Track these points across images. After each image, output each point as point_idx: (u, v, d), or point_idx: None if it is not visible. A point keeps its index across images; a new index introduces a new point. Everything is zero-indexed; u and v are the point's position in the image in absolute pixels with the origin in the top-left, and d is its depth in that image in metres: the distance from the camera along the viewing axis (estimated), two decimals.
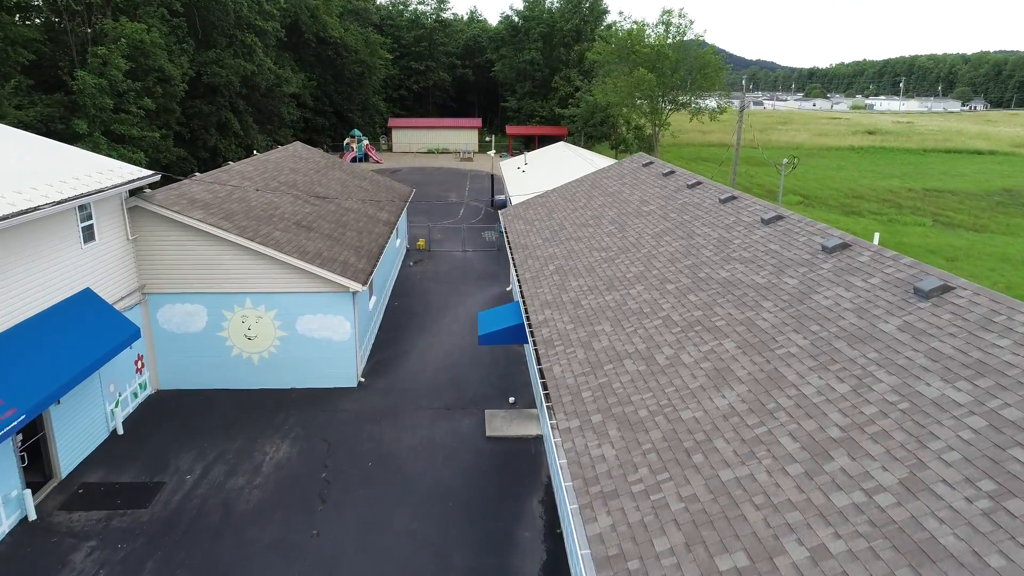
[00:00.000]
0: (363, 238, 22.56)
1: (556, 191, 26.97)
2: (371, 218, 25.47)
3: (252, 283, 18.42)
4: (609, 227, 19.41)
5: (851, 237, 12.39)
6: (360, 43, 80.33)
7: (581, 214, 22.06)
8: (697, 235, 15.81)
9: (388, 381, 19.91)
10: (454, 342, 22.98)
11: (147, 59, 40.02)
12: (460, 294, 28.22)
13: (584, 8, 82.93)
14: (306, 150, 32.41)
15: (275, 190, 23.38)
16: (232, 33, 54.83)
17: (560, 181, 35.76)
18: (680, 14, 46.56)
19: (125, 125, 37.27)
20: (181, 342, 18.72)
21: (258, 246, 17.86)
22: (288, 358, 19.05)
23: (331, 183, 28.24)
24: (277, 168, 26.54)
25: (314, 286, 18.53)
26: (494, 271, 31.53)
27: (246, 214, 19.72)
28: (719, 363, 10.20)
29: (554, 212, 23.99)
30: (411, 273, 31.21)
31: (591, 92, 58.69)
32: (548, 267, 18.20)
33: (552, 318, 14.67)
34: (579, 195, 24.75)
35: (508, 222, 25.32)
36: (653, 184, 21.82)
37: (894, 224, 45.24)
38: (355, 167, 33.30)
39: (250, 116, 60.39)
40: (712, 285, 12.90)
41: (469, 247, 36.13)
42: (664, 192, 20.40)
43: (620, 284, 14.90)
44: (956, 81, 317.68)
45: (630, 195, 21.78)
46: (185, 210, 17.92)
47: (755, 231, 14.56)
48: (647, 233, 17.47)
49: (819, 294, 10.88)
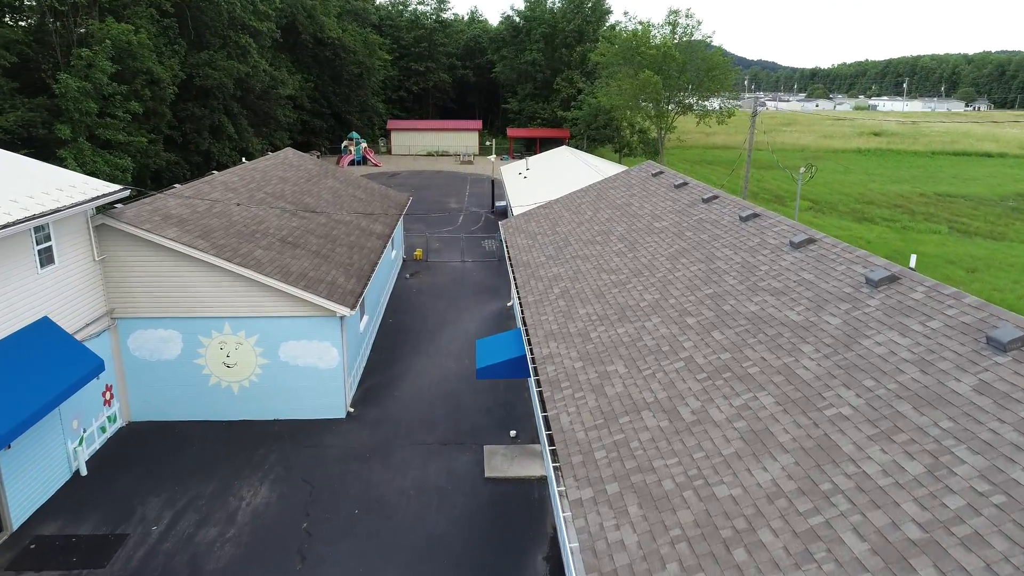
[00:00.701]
0: (354, 254, 21.08)
1: (560, 201, 25.49)
2: (364, 231, 24.00)
3: (231, 307, 16.96)
4: (618, 245, 17.93)
5: (898, 267, 10.92)
6: (358, 44, 78.91)
7: (587, 228, 20.58)
8: (718, 258, 14.32)
9: (379, 411, 18.43)
10: (451, 365, 21.51)
11: (135, 61, 38.58)
12: (458, 310, 26.75)
13: (586, 8, 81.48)
14: (297, 157, 30.96)
15: (260, 202, 21.92)
16: (226, 34, 53.41)
17: (563, 188, 34.29)
18: (687, 14, 45.20)
19: (111, 130, 35.83)
20: (154, 371, 17.25)
21: (236, 267, 16.39)
22: (270, 387, 17.59)
23: (322, 193, 26.78)
24: (265, 178, 25.08)
25: (298, 310, 17.06)
26: (494, 284, 30.06)
27: (226, 230, 18.25)
28: (756, 423, 8.72)
29: (558, 225, 22.52)
30: (407, 286, 29.73)
31: (594, 94, 57.21)
32: (553, 290, 16.73)
33: (558, 353, 13.19)
34: (585, 206, 23.28)
35: (509, 235, 23.85)
36: (665, 197, 20.34)
37: (908, 232, 43.72)
38: (349, 175, 31.87)
39: (245, 119, 58.97)
40: (739, 321, 11.42)
41: (468, 257, 34.66)
42: (677, 206, 18.91)
43: (633, 314, 13.42)
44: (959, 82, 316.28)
45: (640, 208, 20.30)
46: (157, 228, 16.45)
47: (784, 256, 13.08)
48: (661, 253, 16.00)
49: (869, 339, 9.39)
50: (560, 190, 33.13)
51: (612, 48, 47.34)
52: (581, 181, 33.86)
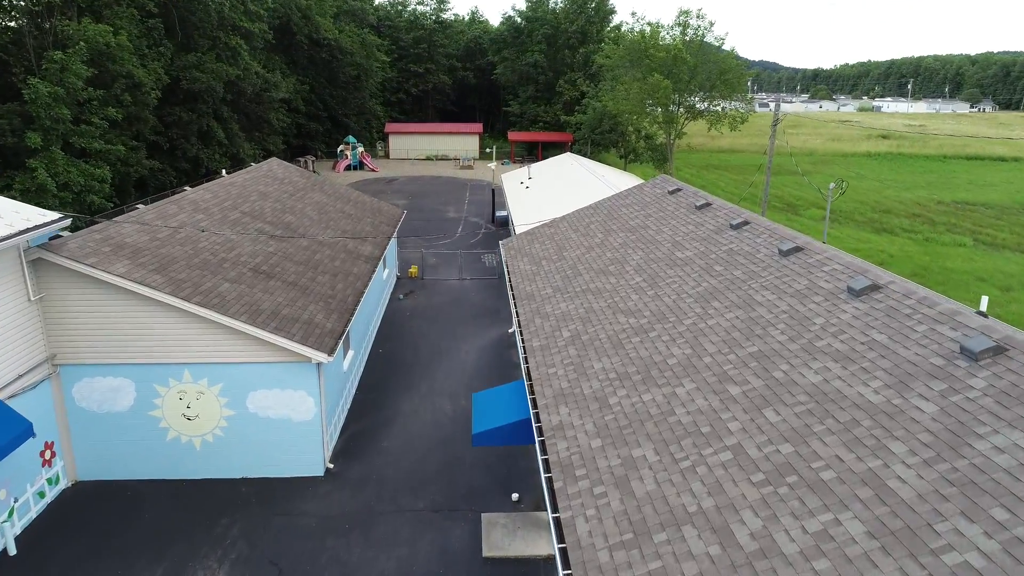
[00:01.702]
0: (338, 283, 18.85)
1: (567, 220, 23.27)
2: (351, 254, 21.78)
3: (191, 351, 14.74)
4: (636, 278, 15.70)
5: (1004, 327, 8.67)
6: (356, 45, 76.68)
7: (599, 255, 18.35)
8: (758, 303, 12.09)
9: (363, 466, 16.21)
10: (446, 406, 19.28)
11: (114, 64, 36.37)
12: (455, 337, 24.52)
13: (589, 8, 79.22)
14: (282, 168, 28.73)
15: (234, 224, 19.69)
16: (215, 35, 51.18)
17: (568, 200, 32.08)
18: (698, 15, 42.96)
19: (86, 138, 33.61)
20: (104, 424, 15.04)
21: (195, 308, 14.17)
22: (237, 442, 15.37)
23: (307, 209, 24.55)
24: (242, 194, 22.86)
25: (268, 355, 14.84)
26: (494, 306, 27.82)
27: (189, 261, 16.04)
28: (845, 566, 6.48)
29: (565, 248, 20.29)
30: (400, 309, 27.50)
31: (599, 98, 55.00)
32: (561, 332, 14.50)
33: (570, 422, 10.97)
34: (594, 227, 21.05)
35: (511, 258, 21.63)
36: (685, 219, 18.10)
37: (932, 244, 41.45)
38: (337, 188, 29.66)
39: (236, 123, 56.72)
40: (797, 396, 9.19)
41: (467, 274, 32.43)
42: (702, 232, 16.67)
43: (661, 375, 11.19)
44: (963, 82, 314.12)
45: (658, 233, 18.06)
46: (105, 262, 14.24)
47: (842, 305, 10.84)
48: (688, 293, 13.76)
49: (984, 440, 7.16)
50: (565, 203, 30.93)
51: (618, 50, 45.10)
52: (587, 193, 31.67)
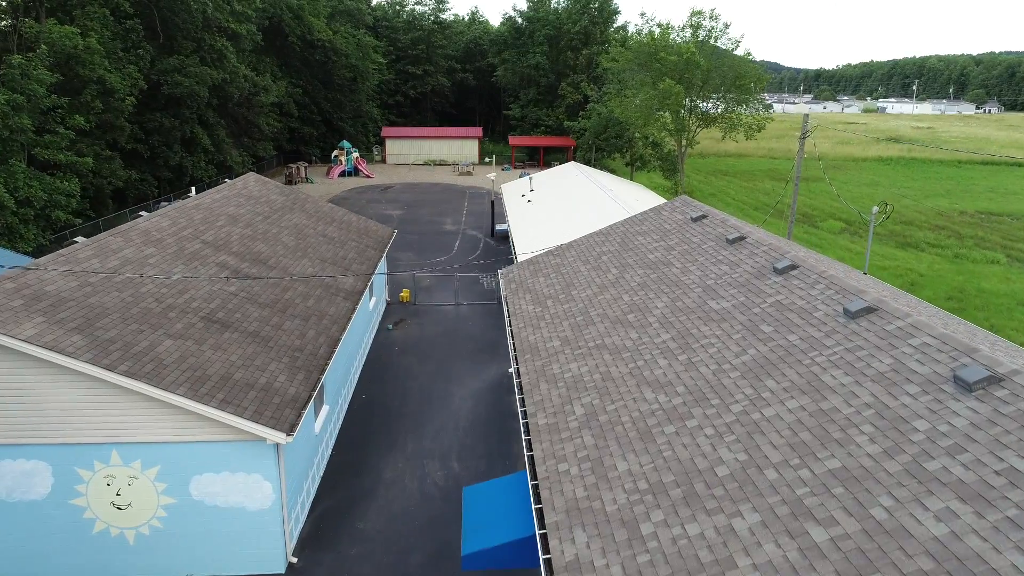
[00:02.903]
0: (309, 331, 16.16)
1: (574, 248, 20.58)
2: (328, 289, 19.08)
3: (119, 429, 12.06)
4: (662, 334, 13.01)
5: None
6: (351, 46, 74.02)
7: (614, 298, 15.66)
8: (829, 388, 9.39)
9: (333, 561, 13.52)
10: (435, 473, 16.59)
11: (83, 68, 33.74)
12: (448, 378, 21.83)
13: (593, 8, 76.46)
14: (260, 185, 26.04)
15: (191, 258, 16.99)
16: (200, 37, 48.55)
17: (573, 217, 29.42)
18: (712, 15, 40.13)
19: (51, 149, 30.96)
20: (14, 515, 12.36)
21: (119, 378, 11.49)
22: (180, 535, 12.68)
23: (282, 234, 21.86)
24: (207, 218, 20.16)
25: (215, 433, 12.16)
26: (493, 338, 25.12)
27: (125, 312, 13.35)
28: None
29: (573, 285, 17.61)
30: (388, 342, 24.82)
31: (605, 103, 52.26)
32: (573, 407, 11.81)
33: (589, 560, 8.27)
34: (607, 259, 18.36)
35: (511, 293, 18.94)
36: (716, 256, 15.41)
37: (962, 261, 38.73)
38: (320, 206, 26.96)
39: (223, 129, 54.14)
40: (916, 557, 6.48)
41: (464, 298, 29.74)
42: (739, 275, 13.96)
43: (709, 493, 8.49)
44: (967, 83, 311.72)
45: (684, 273, 15.36)
46: (11, 320, 11.56)
47: (951, 403, 8.13)
48: (731, 363, 11.06)
49: None
50: (571, 222, 28.26)
51: (626, 53, 42.36)
52: (595, 210, 29.00)
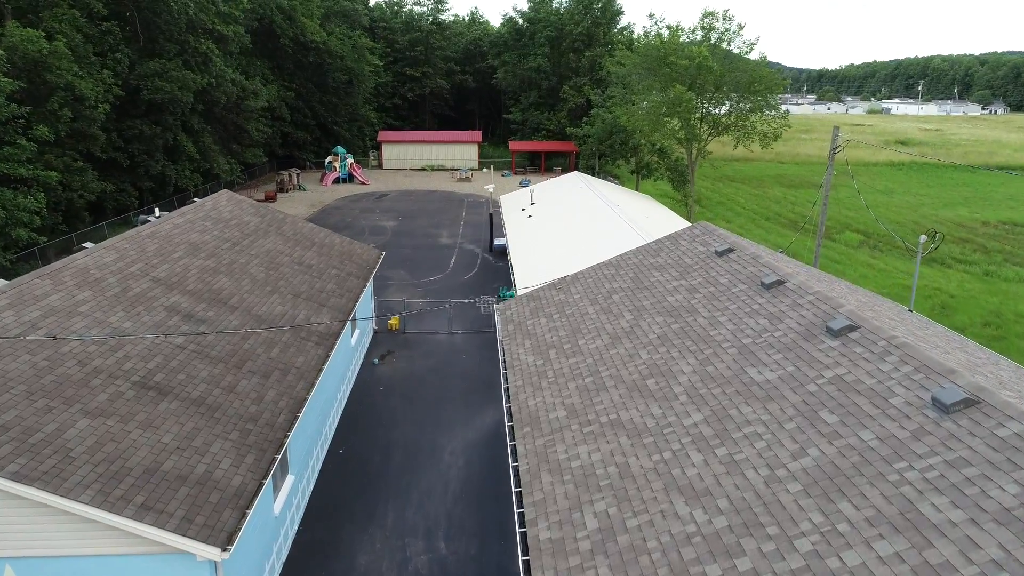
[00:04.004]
0: (269, 390, 13.71)
1: (580, 281, 18.13)
2: (298, 332, 16.63)
3: (14, 540, 9.62)
4: (692, 414, 10.54)
5: None
6: (346, 48, 71.57)
7: (629, 353, 13.19)
8: (931, 525, 6.92)
9: None
10: (418, 558, 14.12)
11: (50, 74, 31.31)
12: (438, 426, 19.38)
13: (596, 9, 73.96)
14: (232, 204, 23.57)
15: (133, 302, 14.54)
16: (184, 39, 46.11)
17: (578, 238, 26.95)
18: (725, 16, 37.57)
19: (10, 163, 28.52)
20: None
21: (5, 482, 9.03)
22: None
23: (251, 264, 19.39)
24: (163, 249, 17.70)
25: (135, 544, 9.71)
26: (488, 375, 22.66)
27: (33, 382, 10.91)
28: None
29: (581, 332, 15.15)
30: (373, 380, 22.36)
31: (609, 108, 49.75)
32: (584, 519, 9.34)
33: None
34: (619, 300, 15.89)
35: (508, 337, 16.50)
36: (750, 306, 12.93)
37: (993, 279, 36.23)
38: (300, 227, 24.49)
39: (209, 136, 51.71)
40: None
41: (458, 325, 27.28)
42: (784, 336, 11.48)
43: None
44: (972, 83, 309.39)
45: (712, 326, 12.89)
46: None
47: None
48: (786, 467, 8.59)
49: None
50: (575, 243, 25.80)
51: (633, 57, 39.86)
52: (602, 230, 26.52)
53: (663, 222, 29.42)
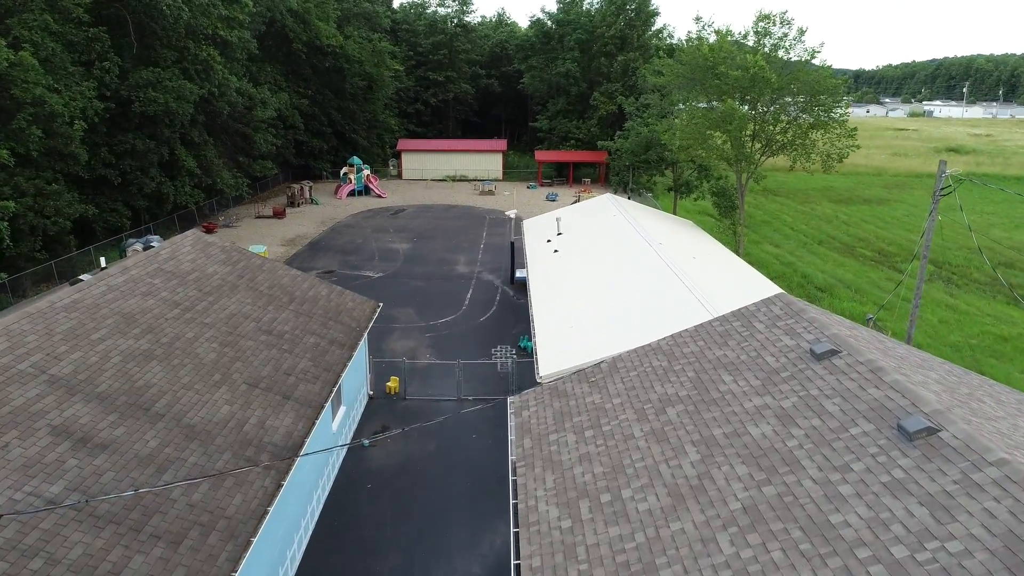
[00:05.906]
0: (176, 567, 9.53)
1: (621, 375, 13.75)
2: (244, 444, 12.46)
3: None
4: None
5: None
6: (364, 52, 67.81)
7: (701, 533, 8.77)
8: None
9: None
10: None
11: (15, 88, 27.76)
12: (434, 551, 15.11)
13: (629, 10, 69.22)
14: (196, 252, 19.51)
15: (5, 425, 10.48)
16: (183, 45, 42.56)
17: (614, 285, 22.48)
18: (783, 19, 32.62)
19: None
20: None
21: None
22: None
23: (201, 339, 15.29)
24: (81, 325, 13.67)
25: None
26: (501, 468, 18.32)
27: None
28: None
29: (625, 472, 10.78)
30: (359, 472, 18.18)
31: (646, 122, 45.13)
32: None
33: None
34: (676, 418, 11.47)
35: (524, 464, 12.18)
36: (889, 471, 8.45)
37: None
38: (279, 276, 20.38)
39: (212, 149, 48.16)
40: None
41: (468, 388, 23.02)
42: (967, 538, 6.99)
43: None
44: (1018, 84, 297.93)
45: (828, 501, 8.41)
46: None
47: None
48: None
49: None
50: (612, 298, 21.34)
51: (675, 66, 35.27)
52: (646, 286, 21.92)
53: (720, 271, 24.81)
